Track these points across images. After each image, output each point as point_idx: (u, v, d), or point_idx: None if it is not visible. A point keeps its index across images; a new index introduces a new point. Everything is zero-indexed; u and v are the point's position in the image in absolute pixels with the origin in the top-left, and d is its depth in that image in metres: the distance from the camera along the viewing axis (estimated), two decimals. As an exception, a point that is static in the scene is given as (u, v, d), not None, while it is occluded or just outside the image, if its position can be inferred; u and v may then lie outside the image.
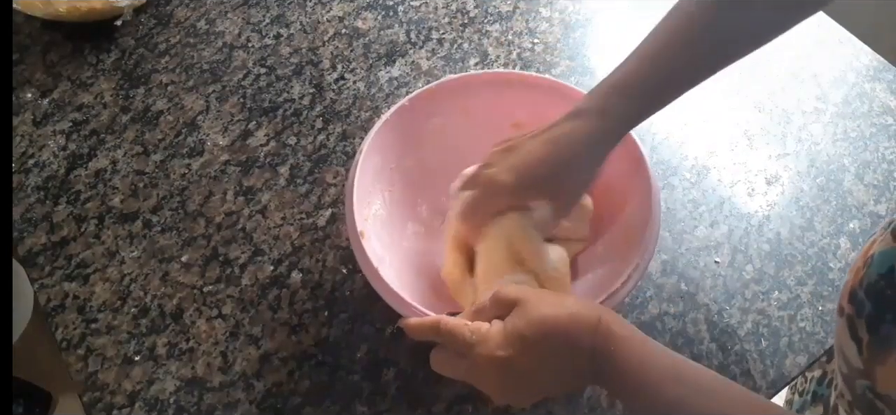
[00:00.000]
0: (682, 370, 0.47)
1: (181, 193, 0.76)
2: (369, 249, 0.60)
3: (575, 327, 0.47)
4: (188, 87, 0.85)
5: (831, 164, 0.80)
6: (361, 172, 0.65)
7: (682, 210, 0.76)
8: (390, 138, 0.69)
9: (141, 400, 0.63)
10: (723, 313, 0.70)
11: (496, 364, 0.47)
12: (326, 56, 0.88)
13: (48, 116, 0.82)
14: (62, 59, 0.88)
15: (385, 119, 0.68)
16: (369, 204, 0.67)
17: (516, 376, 0.48)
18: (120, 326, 0.67)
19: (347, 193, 0.64)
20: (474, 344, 0.48)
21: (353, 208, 0.62)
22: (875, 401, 0.48)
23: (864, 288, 0.49)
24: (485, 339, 0.48)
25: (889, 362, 0.45)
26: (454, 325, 0.49)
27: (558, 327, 0.47)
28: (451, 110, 0.72)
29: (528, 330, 0.47)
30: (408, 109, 0.70)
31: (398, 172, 0.71)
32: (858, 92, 0.86)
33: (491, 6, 0.94)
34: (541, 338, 0.47)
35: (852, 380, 0.50)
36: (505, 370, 0.48)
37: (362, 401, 0.64)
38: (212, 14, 0.92)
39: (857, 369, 0.49)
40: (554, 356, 0.48)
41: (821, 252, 0.74)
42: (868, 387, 0.48)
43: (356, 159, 0.65)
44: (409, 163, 0.71)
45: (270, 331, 0.67)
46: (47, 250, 0.72)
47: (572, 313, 0.48)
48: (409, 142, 0.71)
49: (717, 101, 0.85)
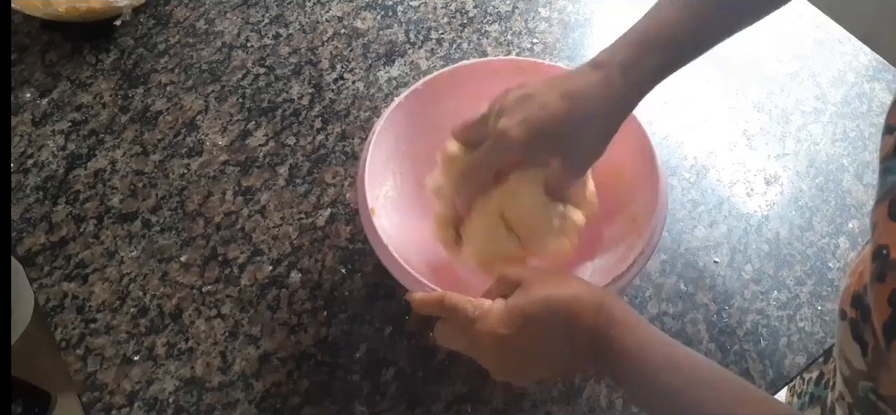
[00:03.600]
0: (680, 359, 0.47)
1: (180, 193, 0.76)
2: (379, 225, 0.60)
3: (577, 308, 0.47)
4: (187, 87, 0.85)
5: (830, 164, 0.80)
6: (374, 151, 0.65)
7: (682, 210, 0.76)
8: (403, 121, 0.69)
9: (140, 400, 0.63)
10: (722, 312, 0.70)
11: (497, 341, 0.47)
12: (325, 56, 0.88)
13: (47, 116, 0.82)
14: (61, 59, 0.88)
15: (399, 101, 0.69)
16: (381, 185, 0.67)
17: (516, 354, 0.48)
18: (119, 326, 0.67)
19: (360, 171, 0.63)
20: (476, 319, 0.48)
21: (365, 187, 0.62)
22: (878, 403, 0.48)
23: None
24: (486, 315, 0.48)
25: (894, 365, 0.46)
26: (458, 300, 0.49)
27: (560, 307, 0.47)
28: (465, 95, 0.72)
29: (531, 308, 0.47)
30: (421, 92, 0.70)
31: (409, 156, 0.71)
32: (858, 92, 0.86)
33: (490, 6, 0.94)
34: (542, 317, 0.47)
35: (854, 382, 0.50)
36: (505, 347, 0.48)
37: (361, 401, 0.64)
38: (211, 14, 0.92)
39: (861, 371, 0.49)
40: (555, 336, 0.48)
41: (820, 252, 0.74)
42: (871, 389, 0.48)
43: (369, 138, 0.65)
44: (420, 146, 0.71)
45: (269, 331, 0.67)
46: (46, 250, 0.72)
47: (575, 294, 0.48)
48: (421, 125, 0.71)
49: (716, 101, 0.85)
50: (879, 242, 0.38)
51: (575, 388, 0.65)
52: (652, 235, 0.60)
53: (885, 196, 0.39)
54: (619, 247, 0.65)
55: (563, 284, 0.49)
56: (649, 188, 0.64)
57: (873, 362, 0.47)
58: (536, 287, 0.48)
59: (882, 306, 0.37)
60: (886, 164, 0.40)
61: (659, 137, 0.82)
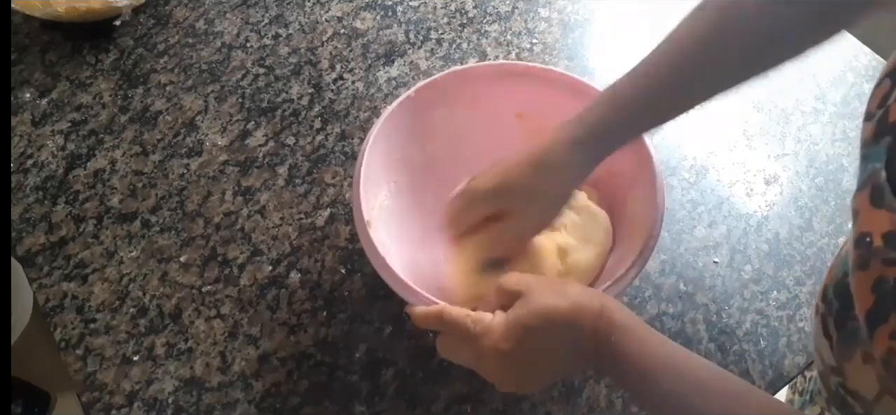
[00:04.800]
0: (681, 363, 0.47)
1: (180, 193, 0.76)
2: (376, 238, 0.60)
3: (577, 316, 0.47)
4: (187, 87, 0.85)
5: (830, 164, 0.80)
6: (368, 162, 0.65)
7: (681, 210, 0.76)
8: (396, 130, 0.69)
9: (140, 400, 0.63)
10: (722, 313, 0.70)
11: (500, 356, 0.48)
12: (325, 56, 0.88)
13: (47, 116, 0.82)
14: (61, 59, 0.88)
15: (390, 111, 0.69)
16: (376, 195, 0.67)
17: (520, 367, 0.48)
18: (119, 326, 0.67)
19: (354, 184, 0.63)
20: (478, 336, 0.48)
21: (361, 198, 0.62)
22: (846, 397, 0.49)
23: (833, 286, 0.50)
24: (488, 331, 0.48)
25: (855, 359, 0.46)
26: (457, 315, 0.49)
27: (560, 317, 0.47)
28: (456, 102, 0.72)
29: (531, 320, 0.47)
30: (413, 100, 0.70)
31: (404, 164, 0.71)
32: (857, 92, 0.86)
33: (490, 6, 0.94)
34: (543, 327, 0.47)
35: (827, 377, 0.51)
36: (509, 362, 0.48)
37: (361, 401, 0.64)
38: (210, 14, 0.92)
39: (830, 366, 0.50)
40: (557, 345, 0.48)
41: (819, 252, 0.74)
42: (840, 383, 0.49)
43: (362, 150, 0.65)
44: (414, 154, 0.71)
45: (269, 331, 0.67)
46: (46, 250, 0.72)
47: (574, 302, 0.48)
48: (414, 133, 0.71)
49: (716, 101, 0.85)
50: (862, 230, 0.38)
51: (575, 388, 0.65)
52: (650, 236, 0.60)
53: (867, 183, 0.38)
54: (617, 249, 0.66)
55: (562, 292, 0.49)
56: (646, 189, 0.64)
57: (838, 356, 0.48)
58: (535, 297, 0.48)
59: (865, 294, 0.37)
60: (866, 150, 0.40)
61: (659, 136, 0.82)
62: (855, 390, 0.47)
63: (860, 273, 0.38)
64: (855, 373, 0.47)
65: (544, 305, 0.48)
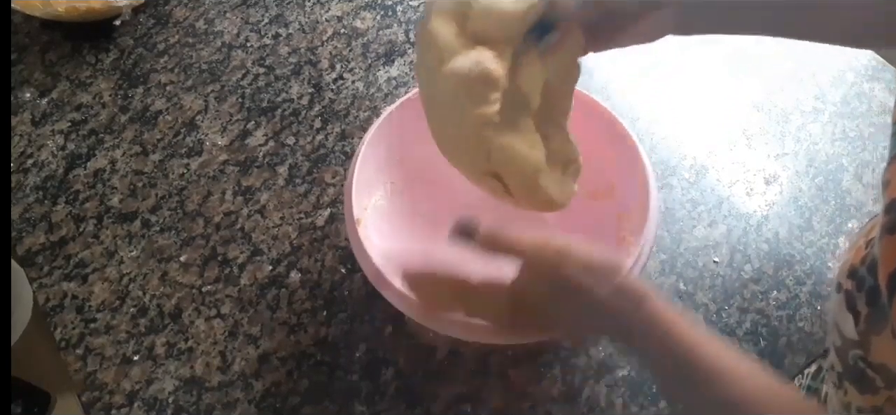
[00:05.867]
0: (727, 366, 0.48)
1: (180, 193, 0.76)
2: (364, 235, 0.61)
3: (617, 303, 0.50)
4: (187, 86, 0.85)
5: (830, 163, 0.80)
6: (363, 161, 0.65)
7: (681, 210, 0.76)
8: (394, 130, 0.69)
9: (140, 400, 0.63)
10: (721, 312, 0.70)
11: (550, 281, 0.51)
12: (325, 56, 0.88)
13: (47, 116, 0.82)
14: (61, 59, 0.88)
15: (390, 111, 0.69)
16: (370, 194, 0.67)
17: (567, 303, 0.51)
18: (119, 325, 0.67)
19: (347, 182, 0.63)
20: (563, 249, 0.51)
21: (352, 197, 0.62)
22: (866, 370, 0.50)
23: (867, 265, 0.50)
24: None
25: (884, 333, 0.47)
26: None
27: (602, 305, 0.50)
28: None
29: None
30: (413, 101, 0.70)
31: (401, 166, 0.71)
32: (857, 92, 0.86)
33: (490, 6, 0.94)
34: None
35: (845, 351, 0.52)
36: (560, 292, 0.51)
37: (361, 400, 0.64)
38: (210, 14, 0.92)
39: (852, 341, 0.51)
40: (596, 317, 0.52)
41: (819, 252, 0.74)
42: (860, 357, 0.50)
43: (358, 149, 0.65)
44: (412, 155, 0.71)
45: (269, 331, 0.67)
46: (46, 250, 0.72)
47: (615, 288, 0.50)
48: (413, 134, 0.71)
49: (716, 101, 0.85)
50: (893, 196, 0.41)
51: (575, 388, 0.65)
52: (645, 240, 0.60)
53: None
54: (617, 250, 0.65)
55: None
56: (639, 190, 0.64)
57: (864, 331, 0.49)
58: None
59: (891, 258, 0.39)
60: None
61: (658, 136, 0.82)
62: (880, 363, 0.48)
63: (888, 237, 0.40)
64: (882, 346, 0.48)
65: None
